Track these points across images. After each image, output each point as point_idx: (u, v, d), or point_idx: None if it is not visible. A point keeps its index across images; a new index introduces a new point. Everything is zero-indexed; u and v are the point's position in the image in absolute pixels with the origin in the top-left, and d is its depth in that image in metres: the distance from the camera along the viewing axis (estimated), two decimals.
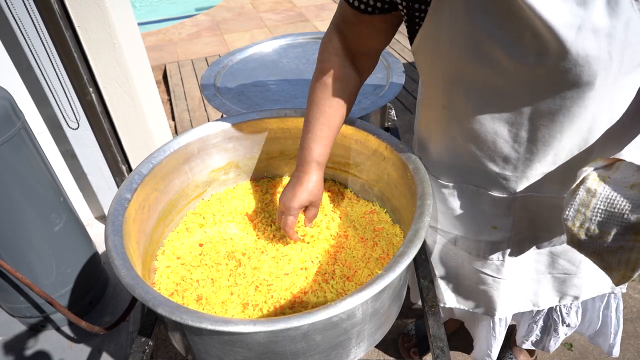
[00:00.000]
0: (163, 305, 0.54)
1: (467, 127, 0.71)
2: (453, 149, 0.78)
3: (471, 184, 0.80)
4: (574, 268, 0.90)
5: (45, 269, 1.37)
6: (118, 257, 0.60)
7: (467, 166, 0.78)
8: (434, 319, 0.74)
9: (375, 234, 0.82)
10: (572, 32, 0.53)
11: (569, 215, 0.63)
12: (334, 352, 0.62)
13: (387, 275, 0.55)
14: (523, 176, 0.74)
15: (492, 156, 0.73)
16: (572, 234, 0.63)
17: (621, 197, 0.58)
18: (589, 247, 0.63)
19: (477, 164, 0.76)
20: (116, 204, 0.69)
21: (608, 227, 0.59)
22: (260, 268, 0.76)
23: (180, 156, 0.83)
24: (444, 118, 0.75)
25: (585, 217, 0.61)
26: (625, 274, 0.63)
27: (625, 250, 0.60)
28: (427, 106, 0.79)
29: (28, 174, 1.24)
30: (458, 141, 0.75)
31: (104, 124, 1.63)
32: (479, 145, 0.73)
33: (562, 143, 0.67)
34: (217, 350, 0.60)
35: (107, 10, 1.38)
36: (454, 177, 0.82)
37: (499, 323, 1.11)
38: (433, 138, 0.81)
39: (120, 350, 1.49)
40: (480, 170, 0.76)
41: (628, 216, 0.57)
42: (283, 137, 0.92)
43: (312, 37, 1.41)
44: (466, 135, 0.73)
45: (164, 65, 3.60)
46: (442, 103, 0.73)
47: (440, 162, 0.83)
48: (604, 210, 0.59)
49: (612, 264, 0.63)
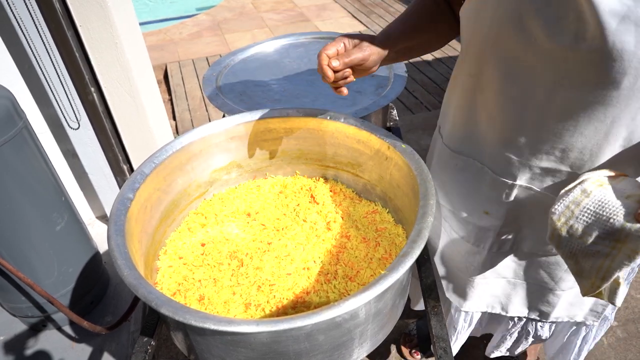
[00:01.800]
0: (166, 305, 0.53)
1: (487, 99, 0.71)
2: (469, 119, 0.78)
3: (478, 160, 0.80)
4: (552, 283, 0.90)
5: (47, 269, 1.37)
6: (121, 257, 0.60)
7: (478, 140, 0.78)
8: (436, 319, 0.74)
9: (377, 234, 0.82)
10: (614, 20, 0.51)
11: (557, 209, 0.63)
12: (337, 352, 0.62)
13: (391, 276, 0.55)
14: (527, 164, 0.73)
15: (502, 134, 0.72)
16: (554, 229, 0.63)
17: (613, 203, 0.58)
18: (567, 246, 0.63)
19: (487, 139, 0.76)
20: (119, 204, 0.68)
21: (591, 229, 0.59)
22: (262, 268, 0.76)
23: (182, 156, 0.83)
24: (469, 86, 0.75)
25: (572, 214, 0.61)
26: (594, 283, 0.63)
27: (601, 255, 0.60)
28: (457, 74, 0.79)
29: (29, 173, 1.24)
30: (476, 112, 0.75)
31: (106, 124, 1.63)
32: (493, 120, 0.72)
33: (573, 139, 0.65)
34: (220, 350, 0.60)
35: (109, 9, 1.38)
36: (464, 149, 0.82)
37: (464, 316, 1.10)
38: (454, 106, 0.82)
39: (121, 350, 1.49)
40: (489, 147, 0.76)
41: (613, 221, 0.57)
42: (285, 136, 0.92)
43: (313, 37, 1.41)
44: (484, 107, 0.73)
45: (165, 65, 3.60)
46: (471, 71, 0.73)
47: (455, 131, 0.83)
48: (593, 211, 0.59)
49: (585, 269, 0.63)
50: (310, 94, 1.12)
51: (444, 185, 0.90)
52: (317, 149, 0.92)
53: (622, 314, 1.62)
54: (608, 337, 1.56)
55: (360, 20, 4.34)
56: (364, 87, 1.14)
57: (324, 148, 0.92)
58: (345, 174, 0.93)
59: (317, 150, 0.93)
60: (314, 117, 0.88)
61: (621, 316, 1.62)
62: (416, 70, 3.38)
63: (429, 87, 3.18)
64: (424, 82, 3.24)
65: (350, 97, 1.10)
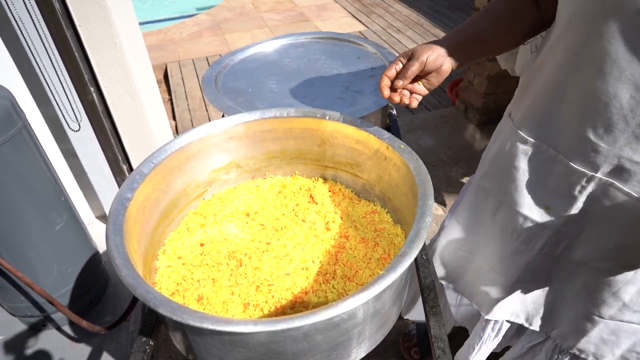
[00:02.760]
0: (164, 305, 0.53)
1: (586, 78, 0.64)
2: (554, 100, 0.72)
3: (552, 147, 0.74)
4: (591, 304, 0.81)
5: (46, 269, 1.37)
6: (119, 257, 0.60)
7: (559, 124, 0.72)
8: (435, 320, 0.74)
9: (376, 234, 0.82)
10: None
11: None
12: (335, 352, 0.62)
13: (389, 276, 0.55)
14: (617, 154, 0.66)
15: (596, 119, 0.65)
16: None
17: None
18: None
19: (573, 123, 0.69)
20: (117, 204, 0.68)
21: None
22: (261, 268, 0.76)
23: (181, 156, 0.83)
24: (564, 63, 0.68)
25: None
26: None
27: None
28: (550, 48, 0.73)
29: (29, 173, 1.24)
30: (565, 92, 0.69)
31: (105, 124, 1.63)
32: (587, 102, 0.66)
33: None
34: (218, 350, 0.60)
35: (109, 9, 1.38)
36: (538, 133, 0.76)
37: (491, 326, 1.04)
38: (538, 83, 0.75)
39: (120, 349, 1.49)
40: (573, 132, 0.70)
41: None
42: (285, 137, 0.92)
43: (313, 37, 1.41)
44: (579, 87, 0.66)
45: (164, 64, 3.60)
46: (570, 46, 0.66)
47: (532, 111, 0.78)
48: None
49: None
50: (309, 94, 1.12)
51: (502, 173, 0.84)
52: (316, 149, 0.92)
53: None
54: None
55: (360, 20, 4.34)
56: (363, 87, 1.14)
57: (323, 148, 0.92)
58: (344, 174, 0.93)
59: (316, 150, 0.93)
60: (313, 117, 0.88)
61: None
62: None
63: None
64: None
65: (350, 97, 1.10)
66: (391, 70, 0.78)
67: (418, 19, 4.31)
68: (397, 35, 4.00)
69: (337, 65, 1.25)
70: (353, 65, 1.25)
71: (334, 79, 1.18)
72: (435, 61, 0.76)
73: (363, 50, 1.33)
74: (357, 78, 1.18)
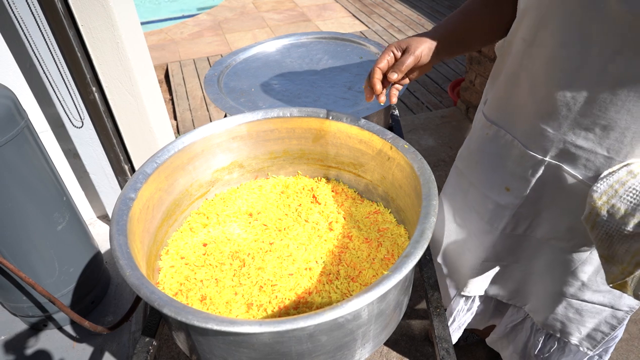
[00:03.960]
0: (168, 305, 0.53)
1: (536, 66, 0.69)
2: (512, 88, 0.76)
3: (509, 132, 0.79)
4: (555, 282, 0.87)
5: (48, 268, 1.37)
6: (123, 257, 0.60)
7: (514, 111, 0.77)
8: (438, 320, 0.74)
9: (379, 235, 0.82)
10: None
11: (599, 187, 0.60)
12: (340, 352, 0.62)
13: (394, 276, 0.55)
14: (562, 139, 0.70)
15: (542, 105, 0.70)
16: (593, 207, 0.61)
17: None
18: (603, 227, 0.61)
19: (525, 110, 0.74)
20: (121, 204, 0.68)
21: (635, 209, 0.57)
22: (264, 268, 0.76)
23: (184, 156, 0.83)
24: (519, 52, 0.72)
25: (615, 193, 0.58)
26: (625, 269, 0.61)
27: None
28: (511, 37, 0.77)
29: (31, 173, 1.24)
30: (519, 80, 0.73)
31: (107, 123, 1.63)
32: (537, 89, 0.70)
33: (618, 116, 0.62)
34: (222, 351, 0.60)
35: (111, 9, 1.38)
36: (498, 119, 0.82)
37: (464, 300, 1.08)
38: (502, 73, 0.80)
39: (122, 350, 1.49)
40: (525, 118, 0.75)
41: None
42: (287, 136, 0.92)
43: (315, 37, 1.41)
44: (530, 75, 0.71)
45: (165, 64, 3.60)
46: (525, 36, 0.70)
47: (495, 97, 0.83)
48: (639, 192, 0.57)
49: (618, 253, 0.61)
50: (312, 94, 1.12)
51: (472, 155, 0.89)
52: (319, 149, 0.92)
53: None
54: None
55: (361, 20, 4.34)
56: None
57: (325, 148, 0.92)
58: (347, 174, 0.93)
59: (319, 151, 0.93)
60: (316, 117, 0.88)
61: None
62: None
63: (430, 87, 3.18)
64: (425, 83, 3.24)
65: (352, 97, 1.10)
66: (383, 62, 0.76)
67: (419, 19, 4.31)
68: (398, 36, 4.00)
69: (339, 65, 1.25)
70: (355, 65, 1.25)
71: (337, 79, 1.18)
72: (428, 55, 0.78)
73: (365, 50, 1.33)
74: (360, 78, 1.18)
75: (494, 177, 0.84)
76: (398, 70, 0.76)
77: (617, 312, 0.87)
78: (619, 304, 0.86)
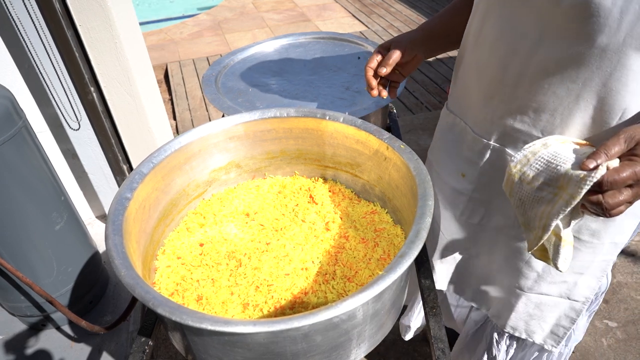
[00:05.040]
0: (163, 305, 0.53)
1: (481, 55, 0.75)
2: (464, 77, 0.82)
3: (463, 119, 0.85)
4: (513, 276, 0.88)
5: (46, 268, 1.37)
6: (118, 257, 0.60)
7: (465, 98, 0.83)
8: (434, 320, 0.74)
9: (376, 235, 0.82)
10: None
11: (516, 157, 0.65)
12: (335, 352, 0.62)
13: (389, 276, 0.55)
14: (501, 123, 0.76)
15: (485, 91, 0.76)
16: (509, 175, 0.66)
17: (566, 154, 0.61)
18: (517, 192, 0.66)
19: (472, 97, 0.80)
20: (117, 204, 0.68)
21: (540, 175, 0.62)
22: (260, 268, 0.76)
23: (181, 155, 0.83)
24: (470, 43, 0.78)
25: (527, 161, 0.64)
26: (537, 234, 0.65)
27: (544, 201, 0.62)
28: (466, 32, 0.82)
29: (29, 173, 1.24)
30: (469, 69, 0.80)
31: (105, 124, 1.63)
32: (480, 76, 0.76)
33: (546, 98, 0.67)
34: (217, 351, 0.60)
35: (109, 9, 1.38)
36: (455, 108, 0.88)
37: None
38: (460, 65, 0.85)
39: (120, 349, 1.49)
40: (473, 105, 0.80)
41: (560, 168, 0.60)
42: (284, 137, 0.92)
43: (313, 37, 1.41)
44: (477, 63, 0.77)
45: (165, 64, 3.61)
46: (475, 29, 0.76)
47: (454, 89, 0.88)
48: (546, 160, 0.62)
49: (531, 218, 0.66)
50: (309, 94, 1.12)
51: (435, 144, 0.95)
52: (316, 149, 0.92)
53: (622, 315, 1.62)
54: (608, 338, 1.56)
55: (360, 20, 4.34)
56: (363, 87, 1.14)
57: (323, 148, 0.92)
58: (344, 174, 0.93)
59: (316, 151, 0.93)
60: (313, 117, 0.88)
61: (621, 317, 1.62)
62: (417, 71, 3.38)
63: (429, 87, 3.18)
64: (424, 82, 3.24)
65: (350, 97, 1.10)
66: (373, 62, 0.86)
67: (419, 19, 4.31)
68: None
69: (337, 65, 1.25)
70: (353, 65, 1.25)
71: (334, 79, 1.18)
72: (412, 50, 0.85)
73: (363, 50, 1.33)
74: (357, 78, 1.18)
75: (452, 163, 0.89)
76: (385, 65, 0.84)
77: (575, 303, 0.89)
78: (575, 294, 0.87)
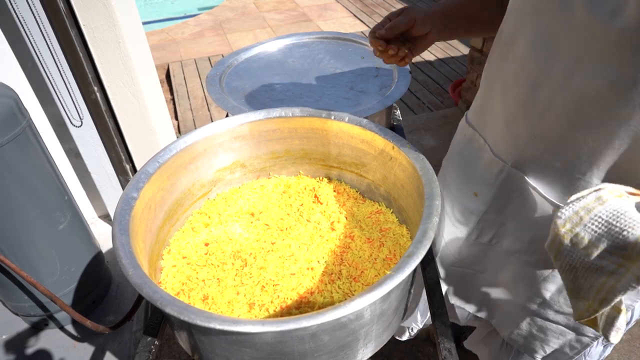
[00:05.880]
0: (171, 304, 0.53)
1: (510, 70, 0.69)
2: (489, 91, 0.78)
3: (482, 136, 0.81)
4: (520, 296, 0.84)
5: (49, 268, 1.37)
6: (125, 256, 0.60)
7: (487, 114, 0.78)
8: (440, 320, 0.74)
9: (381, 235, 0.82)
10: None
11: (564, 214, 0.55)
12: (342, 352, 0.62)
13: (397, 276, 0.55)
14: (522, 148, 0.70)
15: (509, 109, 0.71)
16: (556, 235, 0.56)
17: (631, 215, 0.50)
18: (567, 257, 0.55)
19: (495, 114, 0.75)
20: (123, 203, 0.68)
21: (599, 240, 0.51)
22: (266, 268, 0.76)
23: (186, 155, 0.83)
24: (500, 55, 0.72)
25: (580, 220, 0.53)
26: (591, 306, 0.55)
27: (604, 273, 0.52)
28: (495, 41, 0.76)
29: (32, 172, 1.24)
30: (495, 83, 0.74)
31: (108, 123, 1.63)
32: (507, 93, 0.71)
33: (574, 130, 0.61)
34: (224, 350, 0.60)
35: (113, 8, 1.38)
36: (475, 122, 0.84)
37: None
38: (484, 77, 0.80)
39: (123, 349, 1.49)
40: (495, 122, 0.76)
41: (627, 234, 0.49)
42: (289, 136, 0.92)
43: (317, 37, 1.41)
44: (504, 78, 0.71)
45: (167, 64, 3.61)
46: (506, 39, 0.70)
47: (476, 102, 0.84)
48: (605, 221, 0.51)
49: (584, 287, 0.55)
50: (314, 93, 1.12)
51: (451, 157, 0.91)
52: (320, 149, 0.92)
53: None
54: None
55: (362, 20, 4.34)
56: (367, 87, 1.14)
57: (327, 148, 0.92)
58: (349, 174, 0.93)
59: (320, 150, 0.93)
60: (318, 117, 0.88)
61: None
62: (419, 71, 3.38)
63: (431, 87, 3.18)
64: (426, 83, 3.24)
65: (354, 97, 1.10)
66: (377, 26, 0.78)
67: None
68: None
69: (341, 65, 1.25)
70: (357, 65, 1.25)
71: (338, 79, 1.18)
72: (426, 23, 0.76)
73: (367, 50, 1.33)
74: (362, 78, 1.18)
75: (465, 180, 0.85)
76: (387, 28, 0.76)
77: (583, 337, 0.83)
78: (584, 330, 0.82)
